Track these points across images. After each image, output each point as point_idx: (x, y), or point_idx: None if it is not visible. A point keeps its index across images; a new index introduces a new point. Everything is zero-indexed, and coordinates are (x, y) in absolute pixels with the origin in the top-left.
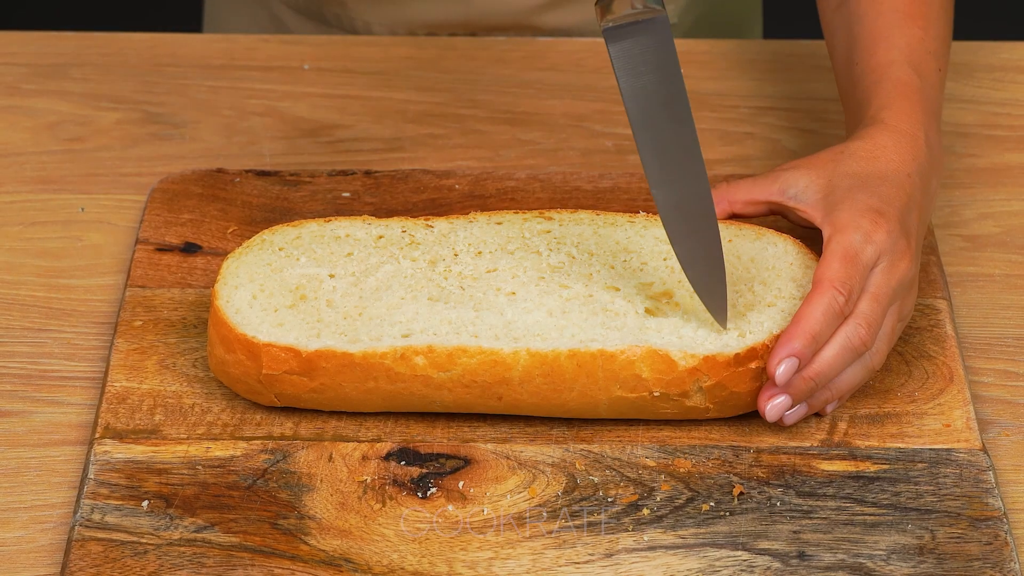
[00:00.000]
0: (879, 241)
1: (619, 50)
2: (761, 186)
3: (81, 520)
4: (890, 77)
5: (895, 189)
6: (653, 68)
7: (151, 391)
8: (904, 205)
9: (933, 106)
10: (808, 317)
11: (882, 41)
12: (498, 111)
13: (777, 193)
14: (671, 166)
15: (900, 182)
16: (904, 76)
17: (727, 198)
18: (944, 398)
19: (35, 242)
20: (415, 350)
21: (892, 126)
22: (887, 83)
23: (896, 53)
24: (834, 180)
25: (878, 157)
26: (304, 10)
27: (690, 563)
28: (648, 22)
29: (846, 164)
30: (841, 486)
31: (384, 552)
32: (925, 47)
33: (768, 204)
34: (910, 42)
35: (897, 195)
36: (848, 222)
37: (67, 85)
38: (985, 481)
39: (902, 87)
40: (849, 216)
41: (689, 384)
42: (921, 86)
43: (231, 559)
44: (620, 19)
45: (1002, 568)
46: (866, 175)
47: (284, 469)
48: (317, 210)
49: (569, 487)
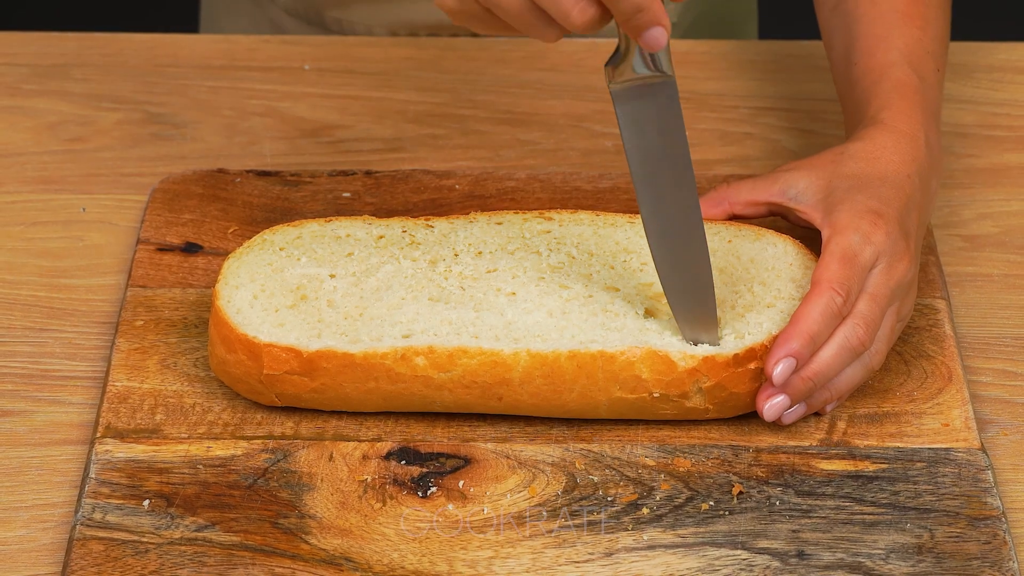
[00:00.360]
0: (878, 242)
1: (625, 111)
2: (761, 187)
3: (82, 519)
4: (889, 77)
5: (894, 190)
6: (657, 130)
7: (152, 391)
8: (903, 206)
9: (932, 106)
10: (806, 318)
11: (880, 42)
12: (498, 111)
13: (777, 194)
14: (669, 222)
15: (899, 183)
16: (903, 76)
17: (727, 199)
18: (943, 398)
19: (36, 242)
20: (416, 350)
21: (892, 127)
22: (886, 83)
23: (895, 54)
24: (833, 181)
25: (878, 158)
26: (304, 16)
27: (689, 562)
28: (657, 86)
29: (846, 165)
30: (840, 485)
31: (384, 551)
32: (923, 47)
33: (768, 205)
34: (908, 42)
35: (896, 196)
36: (847, 223)
37: (68, 85)
38: (983, 480)
39: (901, 87)
40: (848, 217)
41: (689, 385)
42: (920, 86)
43: (232, 558)
44: (628, 82)
45: (1000, 567)
46: (866, 176)
47: (285, 468)
48: (318, 210)
49: (569, 486)
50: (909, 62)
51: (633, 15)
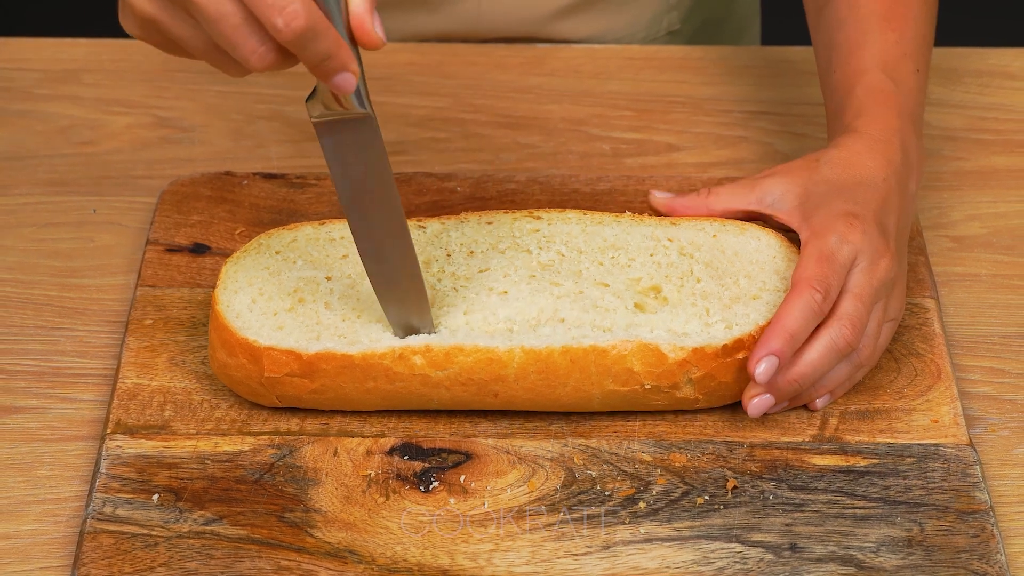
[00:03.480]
0: (855, 241)
1: (327, 143)
2: (739, 194)
3: (93, 513)
4: (863, 85)
5: (870, 192)
6: (360, 160)
7: (161, 388)
8: (880, 207)
9: (910, 109)
10: (786, 317)
11: (857, 49)
12: (498, 115)
13: (755, 202)
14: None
15: (875, 185)
16: (878, 83)
17: (706, 206)
18: (932, 394)
19: (48, 243)
20: (413, 350)
21: (865, 134)
22: (860, 91)
23: (870, 60)
24: (809, 187)
25: (852, 164)
26: None
27: (685, 555)
28: (354, 122)
29: (821, 172)
30: (832, 480)
31: (388, 544)
32: (901, 50)
33: (747, 212)
34: (885, 47)
35: (872, 198)
36: (823, 225)
37: (79, 90)
38: (972, 475)
39: (876, 94)
40: (824, 220)
41: (679, 376)
42: (896, 91)
43: (239, 551)
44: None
45: (988, 560)
46: (841, 182)
47: (290, 463)
48: (323, 212)
49: (568, 481)
50: (885, 68)
51: (320, 62)
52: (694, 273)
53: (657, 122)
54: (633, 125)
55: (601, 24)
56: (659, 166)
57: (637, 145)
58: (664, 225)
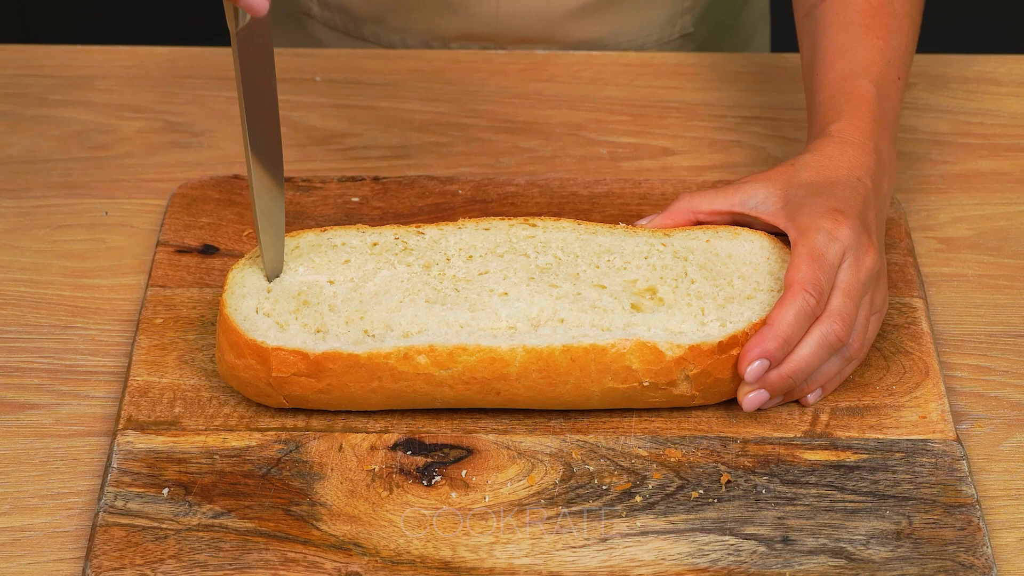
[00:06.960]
0: (843, 238)
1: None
2: (722, 198)
3: (105, 507)
4: (844, 91)
5: (850, 190)
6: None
7: (171, 385)
8: (861, 204)
9: (887, 116)
10: (780, 320)
11: (840, 55)
12: (499, 120)
13: (738, 204)
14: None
15: (853, 184)
16: (858, 89)
17: (690, 208)
18: (920, 391)
19: (61, 244)
20: (417, 350)
21: (840, 138)
22: (840, 96)
23: (853, 66)
24: (789, 190)
25: (827, 167)
26: (343, 29)
27: (680, 547)
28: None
29: (799, 175)
30: (823, 475)
31: (391, 537)
32: (884, 57)
33: (731, 214)
34: (867, 54)
35: (853, 195)
36: (810, 224)
37: (92, 96)
38: (959, 470)
39: (857, 100)
40: (810, 217)
41: (676, 373)
42: (876, 97)
43: (247, 543)
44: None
45: (975, 552)
46: (819, 183)
47: (297, 458)
48: (328, 214)
49: (566, 475)
50: (867, 74)
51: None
52: (688, 275)
53: (653, 127)
54: (630, 130)
55: (616, 25)
56: (655, 169)
57: (633, 149)
58: (658, 235)
